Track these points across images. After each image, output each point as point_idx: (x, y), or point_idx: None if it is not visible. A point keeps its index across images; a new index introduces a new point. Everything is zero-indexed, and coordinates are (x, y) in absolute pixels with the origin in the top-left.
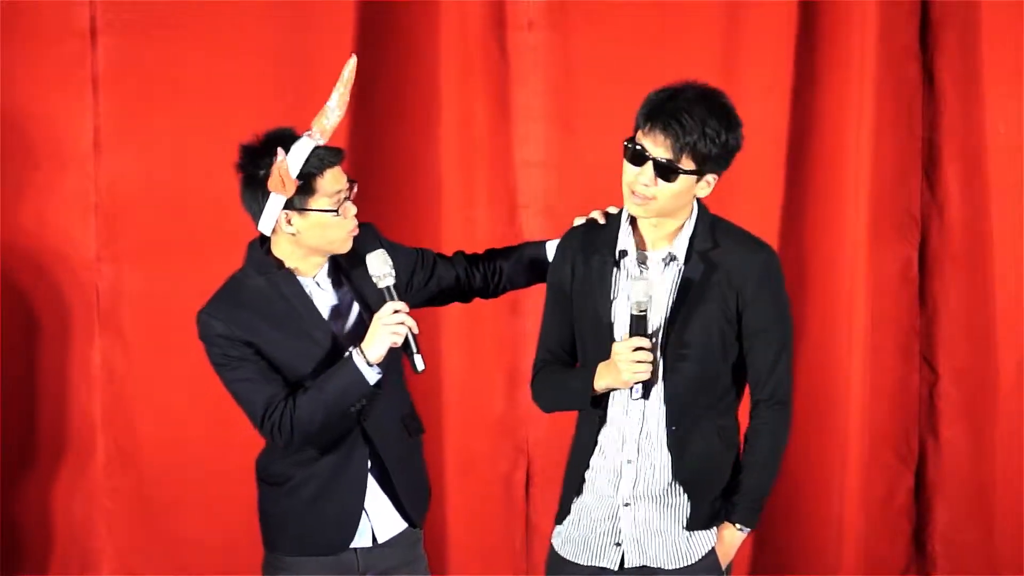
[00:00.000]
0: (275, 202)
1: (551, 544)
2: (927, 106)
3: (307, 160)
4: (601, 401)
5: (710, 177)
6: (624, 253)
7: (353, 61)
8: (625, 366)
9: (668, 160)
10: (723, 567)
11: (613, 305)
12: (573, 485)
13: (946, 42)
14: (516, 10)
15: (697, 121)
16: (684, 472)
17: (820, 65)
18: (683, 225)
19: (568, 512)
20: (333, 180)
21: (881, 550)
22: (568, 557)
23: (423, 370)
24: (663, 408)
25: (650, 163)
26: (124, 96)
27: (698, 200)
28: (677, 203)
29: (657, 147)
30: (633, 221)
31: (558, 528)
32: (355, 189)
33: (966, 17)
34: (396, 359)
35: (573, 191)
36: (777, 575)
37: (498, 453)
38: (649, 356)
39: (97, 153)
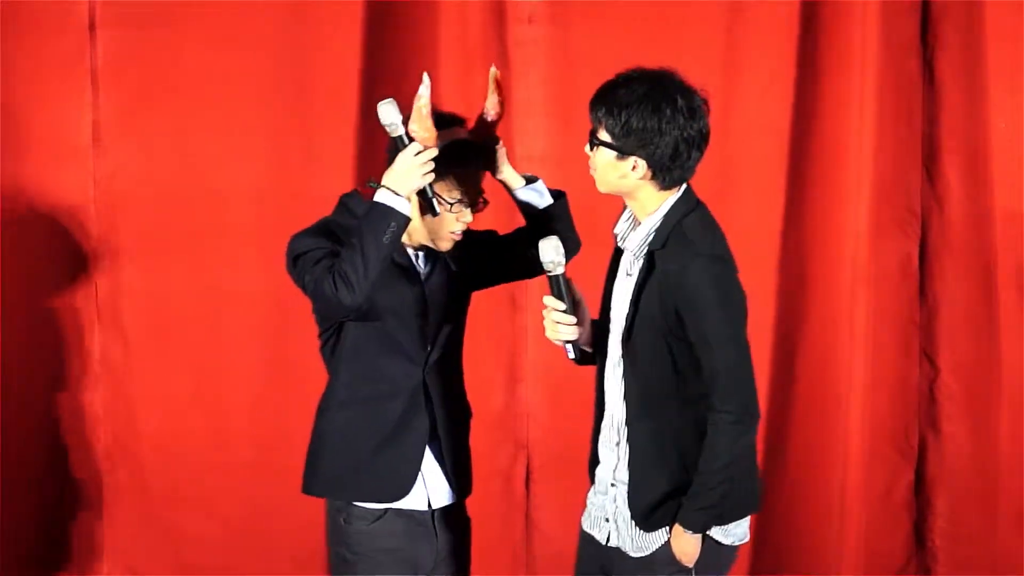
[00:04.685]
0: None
1: None
2: (928, 101)
3: (455, 151)
4: (585, 358)
5: (634, 159)
6: (617, 234)
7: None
8: (545, 325)
9: (591, 129)
10: (687, 566)
11: (613, 288)
12: (593, 458)
13: (947, 37)
14: (517, 4)
15: (609, 96)
16: (635, 468)
17: (821, 60)
18: (651, 216)
19: (592, 480)
20: (464, 180)
21: (881, 545)
22: (582, 522)
23: (439, 215)
24: (623, 403)
25: None
26: (123, 91)
27: (683, 198)
28: (609, 179)
29: (591, 122)
30: None
31: None
32: (484, 206)
33: (966, 12)
34: (458, 336)
35: (573, 185)
36: (777, 570)
37: (498, 448)
38: (565, 317)
39: (96, 147)
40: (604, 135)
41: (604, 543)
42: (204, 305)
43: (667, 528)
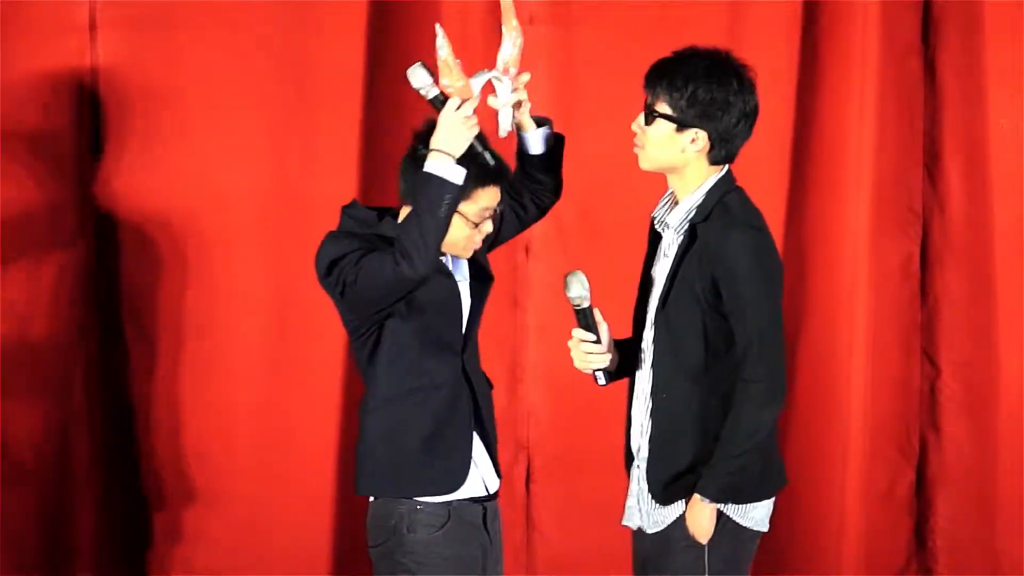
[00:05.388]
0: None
1: None
2: (928, 101)
3: (479, 171)
4: (610, 378)
5: (694, 132)
6: (655, 218)
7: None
8: (574, 355)
9: (648, 103)
10: (700, 541)
11: (653, 269)
12: (628, 455)
13: (948, 37)
14: (517, 4)
15: (670, 69)
16: (655, 441)
17: (822, 60)
18: (693, 193)
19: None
20: (489, 197)
21: (882, 545)
22: (623, 521)
23: (496, 164)
24: (651, 375)
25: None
26: (123, 91)
27: (724, 178)
28: (663, 153)
29: (647, 97)
30: None
31: None
32: (499, 211)
33: (967, 12)
34: (480, 317)
35: (574, 184)
36: (778, 571)
37: (499, 448)
38: (596, 348)
39: (96, 148)
40: (664, 108)
41: (635, 528)
42: (205, 306)
43: (683, 501)
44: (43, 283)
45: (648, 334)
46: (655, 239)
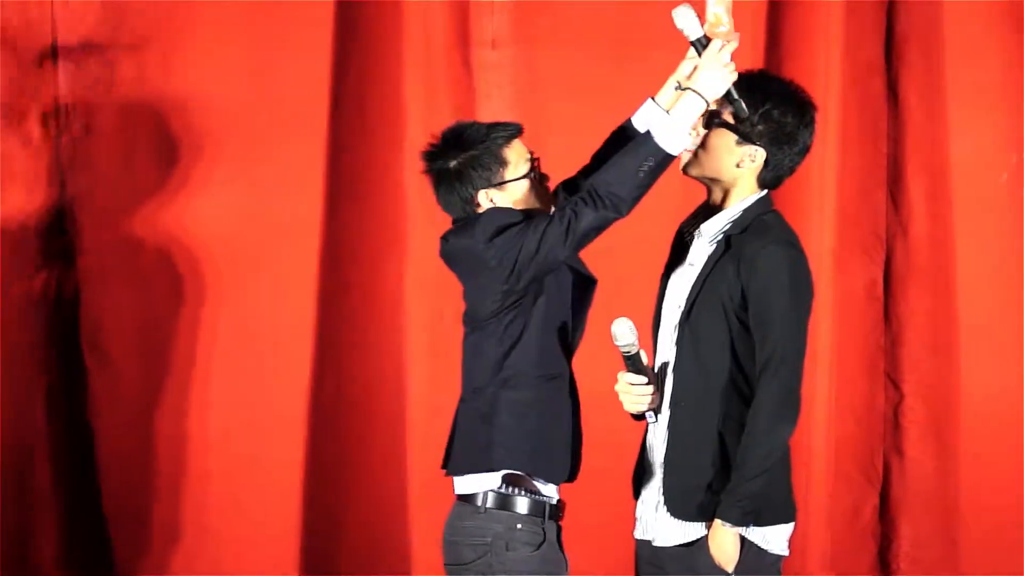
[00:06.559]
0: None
1: None
2: (892, 122)
3: (492, 133)
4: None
5: (753, 149)
6: (683, 228)
7: None
8: (624, 399)
9: (713, 109)
10: (726, 569)
11: (672, 278)
12: (638, 471)
13: (910, 57)
14: (480, 27)
15: (748, 83)
16: (672, 451)
17: None
18: (731, 207)
19: (636, 495)
20: (520, 150)
21: (846, 569)
22: (634, 533)
23: (748, 116)
24: (671, 383)
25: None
26: (88, 116)
27: (764, 199)
28: (718, 162)
29: (715, 104)
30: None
31: None
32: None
33: (930, 33)
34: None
35: None
36: None
37: None
38: (643, 390)
39: (67, 173)
40: (730, 118)
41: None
42: (167, 328)
43: (703, 524)
44: (5, 308)
45: (667, 341)
46: (679, 249)
